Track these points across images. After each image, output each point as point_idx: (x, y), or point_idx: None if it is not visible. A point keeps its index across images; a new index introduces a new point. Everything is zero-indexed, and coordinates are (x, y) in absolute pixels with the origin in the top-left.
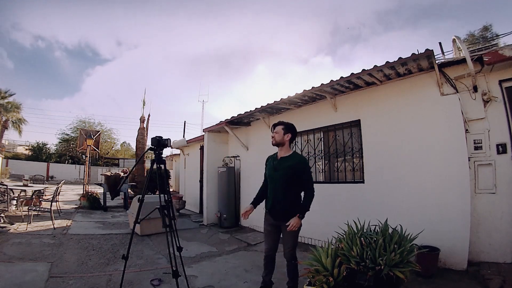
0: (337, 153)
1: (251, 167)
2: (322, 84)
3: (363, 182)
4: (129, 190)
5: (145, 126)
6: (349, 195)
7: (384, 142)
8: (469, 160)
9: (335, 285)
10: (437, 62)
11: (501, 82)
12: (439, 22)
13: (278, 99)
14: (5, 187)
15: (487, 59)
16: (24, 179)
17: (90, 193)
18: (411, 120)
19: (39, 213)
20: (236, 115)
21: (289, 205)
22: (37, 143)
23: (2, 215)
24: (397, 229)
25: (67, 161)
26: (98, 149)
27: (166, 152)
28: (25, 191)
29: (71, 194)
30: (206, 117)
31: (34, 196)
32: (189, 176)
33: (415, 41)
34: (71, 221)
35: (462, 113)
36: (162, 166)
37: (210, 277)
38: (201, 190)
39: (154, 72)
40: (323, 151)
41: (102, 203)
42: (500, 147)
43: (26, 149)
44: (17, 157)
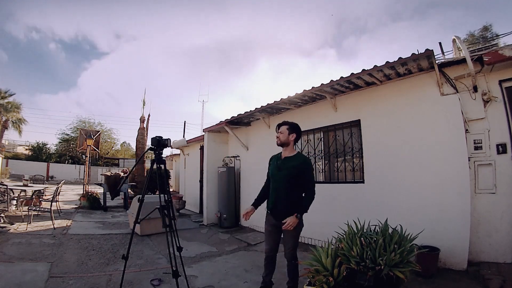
0: (337, 153)
1: (251, 167)
2: (322, 84)
3: (363, 182)
4: (129, 190)
5: (145, 126)
6: (349, 195)
7: (384, 142)
8: (469, 160)
9: (335, 285)
10: (437, 62)
11: (501, 82)
12: (448, 11)
13: (278, 99)
14: (5, 187)
15: (487, 59)
16: (24, 179)
17: (90, 193)
18: (411, 120)
19: (39, 213)
20: (236, 115)
21: (291, 205)
22: (37, 143)
23: (2, 215)
24: (397, 229)
25: (67, 161)
26: (98, 149)
27: (166, 152)
28: (25, 191)
29: (71, 194)
30: (206, 117)
31: (34, 196)
32: (189, 176)
33: (423, 32)
34: (71, 221)
35: (462, 113)
36: (162, 166)
37: (210, 277)
38: (201, 190)
39: (153, 66)
40: (323, 151)
41: (102, 203)
42: (500, 147)
43: (26, 149)
44: (17, 157)
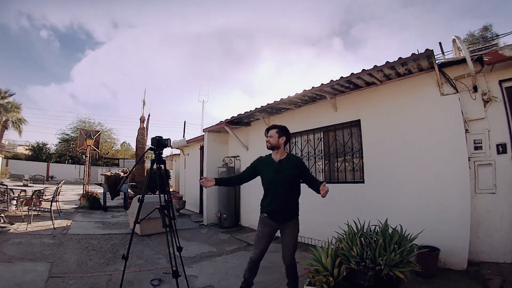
0: (337, 153)
1: None
2: (322, 84)
3: (363, 182)
4: (129, 190)
5: (145, 126)
6: (349, 195)
7: (384, 142)
8: (469, 160)
9: (335, 285)
10: (437, 62)
11: (501, 82)
12: None
13: (278, 99)
14: (5, 187)
15: (487, 59)
16: (24, 179)
17: (90, 193)
18: (411, 120)
19: (39, 213)
20: (236, 115)
21: (294, 206)
22: (37, 143)
23: (2, 215)
24: (397, 229)
25: (67, 161)
26: (98, 149)
27: (166, 152)
28: (25, 191)
29: (71, 194)
30: (206, 117)
31: (34, 196)
32: (189, 176)
33: (434, 19)
34: (71, 221)
35: (462, 113)
36: (162, 166)
37: (210, 277)
38: (201, 190)
39: (151, 57)
40: (323, 151)
41: (102, 203)
42: (500, 147)
43: (26, 149)
44: (17, 157)
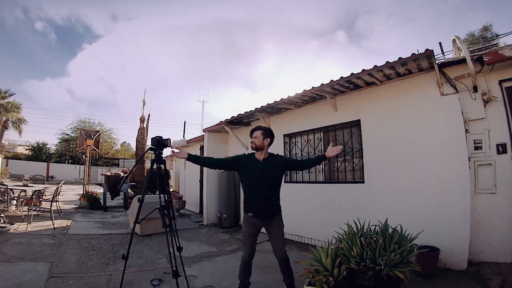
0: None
1: None
2: (322, 84)
3: (363, 182)
4: (129, 190)
5: (145, 126)
6: (349, 195)
7: (384, 142)
8: (469, 160)
9: (335, 285)
10: (437, 62)
11: (501, 82)
12: None
13: (278, 99)
14: (5, 187)
15: (487, 59)
16: (24, 179)
17: (90, 193)
18: (411, 120)
19: (39, 213)
20: (236, 115)
21: (277, 203)
22: (37, 143)
23: (2, 215)
24: (397, 229)
25: (67, 161)
26: (98, 149)
27: (166, 152)
28: (25, 191)
29: (71, 194)
30: (206, 117)
31: (34, 196)
32: (189, 176)
33: (442, 10)
34: (71, 221)
35: (462, 113)
36: (162, 166)
37: (210, 277)
38: (201, 190)
39: (151, 52)
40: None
41: (102, 203)
42: (500, 147)
43: (26, 149)
44: (17, 157)
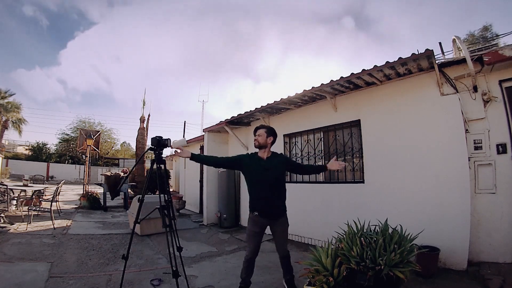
0: (337, 153)
1: None
2: (322, 84)
3: (363, 182)
4: (129, 190)
5: (145, 126)
6: (349, 195)
7: (384, 142)
8: (469, 160)
9: (335, 285)
10: (437, 62)
11: (501, 82)
12: None
13: (278, 99)
14: (5, 187)
15: (487, 59)
16: (24, 179)
17: (90, 193)
18: (411, 120)
19: (39, 213)
20: (236, 115)
21: (283, 203)
22: (37, 143)
23: (2, 215)
24: (397, 229)
25: (67, 161)
26: (98, 149)
27: (166, 152)
28: (25, 191)
29: (71, 194)
30: (206, 117)
31: (34, 196)
32: (189, 176)
33: None
34: (71, 221)
35: (462, 113)
36: (162, 166)
37: (210, 277)
38: (201, 190)
39: (149, 40)
40: (323, 151)
41: (102, 203)
42: (500, 147)
43: (26, 149)
44: (17, 157)
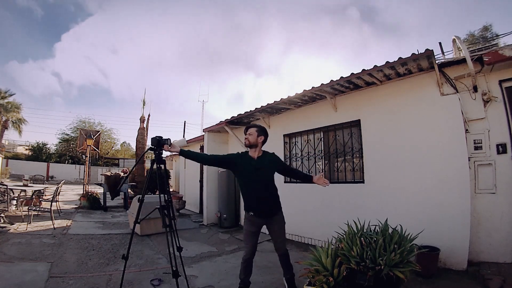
0: (337, 153)
1: None
2: (322, 84)
3: (363, 182)
4: (129, 190)
5: (145, 126)
6: (349, 195)
7: (384, 142)
8: (469, 160)
9: (335, 285)
10: (437, 62)
11: (501, 82)
12: None
13: (278, 99)
14: (5, 187)
15: (487, 59)
16: (24, 179)
17: (90, 193)
18: (411, 120)
19: (39, 213)
20: (236, 115)
21: (277, 201)
22: (37, 143)
23: (2, 215)
24: (397, 229)
25: (67, 161)
26: (98, 149)
27: (166, 152)
28: (25, 191)
29: (71, 194)
30: (206, 117)
31: (34, 196)
32: (189, 176)
33: None
34: (71, 221)
35: (462, 113)
36: (162, 166)
37: (210, 277)
38: (201, 190)
39: (147, 31)
40: (323, 151)
41: (102, 203)
42: (500, 147)
43: (26, 149)
44: (17, 157)
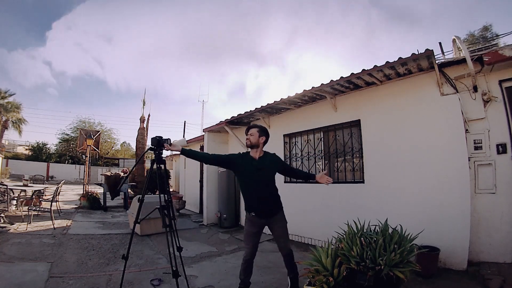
0: (337, 153)
1: None
2: (322, 84)
3: (363, 182)
4: (129, 190)
5: (145, 126)
6: (349, 195)
7: (384, 142)
8: (469, 160)
9: (335, 285)
10: (437, 62)
11: (501, 82)
12: None
13: (278, 99)
14: (5, 187)
15: (487, 59)
16: (24, 179)
17: (90, 193)
18: (411, 120)
19: (39, 213)
20: (236, 115)
21: (278, 200)
22: (37, 143)
23: (2, 215)
24: (397, 229)
25: (67, 161)
26: (98, 149)
27: (166, 152)
28: (25, 191)
29: (71, 194)
30: (206, 117)
31: (34, 196)
32: (189, 176)
33: None
34: (71, 221)
35: (462, 113)
36: (162, 166)
37: (210, 277)
38: (201, 190)
39: (145, 20)
40: (323, 151)
41: (102, 203)
42: (500, 147)
43: (26, 149)
44: (17, 157)
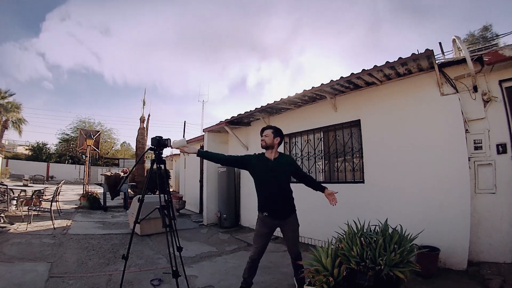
0: (337, 153)
1: None
2: (322, 84)
3: (363, 182)
4: (129, 190)
5: (145, 126)
6: (349, 195)
7: (384, 142)
8: (469, 160)
9: (335, 285)
10: (437, 62)
11: (501, 82)
12: None
13: (278, 99)
14: (5, 187)
15: (487, 59)
16: (24, 179)
17: (90, 193)
18: (411, 120)
19: (39, 213)
20: (236, 115)
21: (291, 202)
22: (37, 143)
23: (2, 215)
24: (397, 229)
25: (67, 161)
26: (98, 149)
27: (166, 152)
28: (25, 191)
29: (71, 194)
30: (206, 117)
31: (34, 196)
32: (189, 176)
33: None
34: (71, 221)
35: (462, 113)
36: (162, 166)
37: (210, 277)
38: (201, 190)
39: (142, 15)
40: (323, 151)
41: (102, 203)
42: (500, 147)
43: (26, 149)
44: (17, 157)
